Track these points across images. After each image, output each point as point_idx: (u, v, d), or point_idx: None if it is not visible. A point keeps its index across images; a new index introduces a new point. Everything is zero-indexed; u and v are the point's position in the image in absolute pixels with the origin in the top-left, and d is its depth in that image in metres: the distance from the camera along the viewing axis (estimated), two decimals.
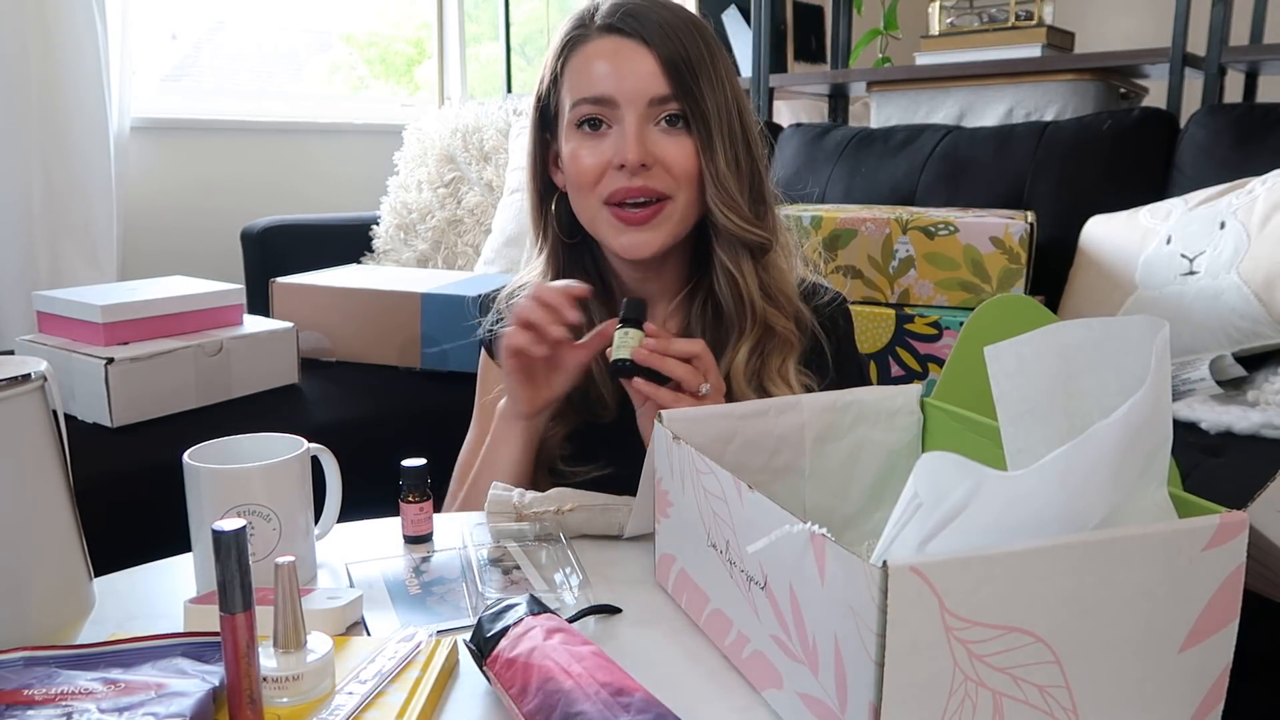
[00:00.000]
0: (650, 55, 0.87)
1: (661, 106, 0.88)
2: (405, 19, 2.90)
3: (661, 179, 0.88)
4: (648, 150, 0.87)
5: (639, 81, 0.87)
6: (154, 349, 1.30)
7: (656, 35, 0.87)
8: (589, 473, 0.93)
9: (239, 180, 2.39)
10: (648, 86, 0.87)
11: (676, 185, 0.89)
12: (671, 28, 0.88)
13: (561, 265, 0.98)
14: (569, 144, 0.91)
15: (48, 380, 0.65)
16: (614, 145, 0.88)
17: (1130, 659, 0.48)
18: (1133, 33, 3.05)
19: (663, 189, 0.88)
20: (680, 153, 0.88)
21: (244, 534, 0.50)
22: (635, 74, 0.87)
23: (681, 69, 0.87)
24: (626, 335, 0.83)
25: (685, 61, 0.87)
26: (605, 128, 0.89)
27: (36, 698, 0.53)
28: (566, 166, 0.92)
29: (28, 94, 1.89)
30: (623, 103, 0.87)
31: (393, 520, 0.87)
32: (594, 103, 0.88)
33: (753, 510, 0.55)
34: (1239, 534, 0.48)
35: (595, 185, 0.89)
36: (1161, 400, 0.50)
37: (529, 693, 0.53)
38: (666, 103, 0.87)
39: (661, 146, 0.88)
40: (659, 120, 0.88)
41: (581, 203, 0.92)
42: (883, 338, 1.52)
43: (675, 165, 0.88)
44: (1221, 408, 1.30)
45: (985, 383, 0.61)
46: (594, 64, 0.88)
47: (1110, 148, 1.68)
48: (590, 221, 0.92)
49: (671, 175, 0.88)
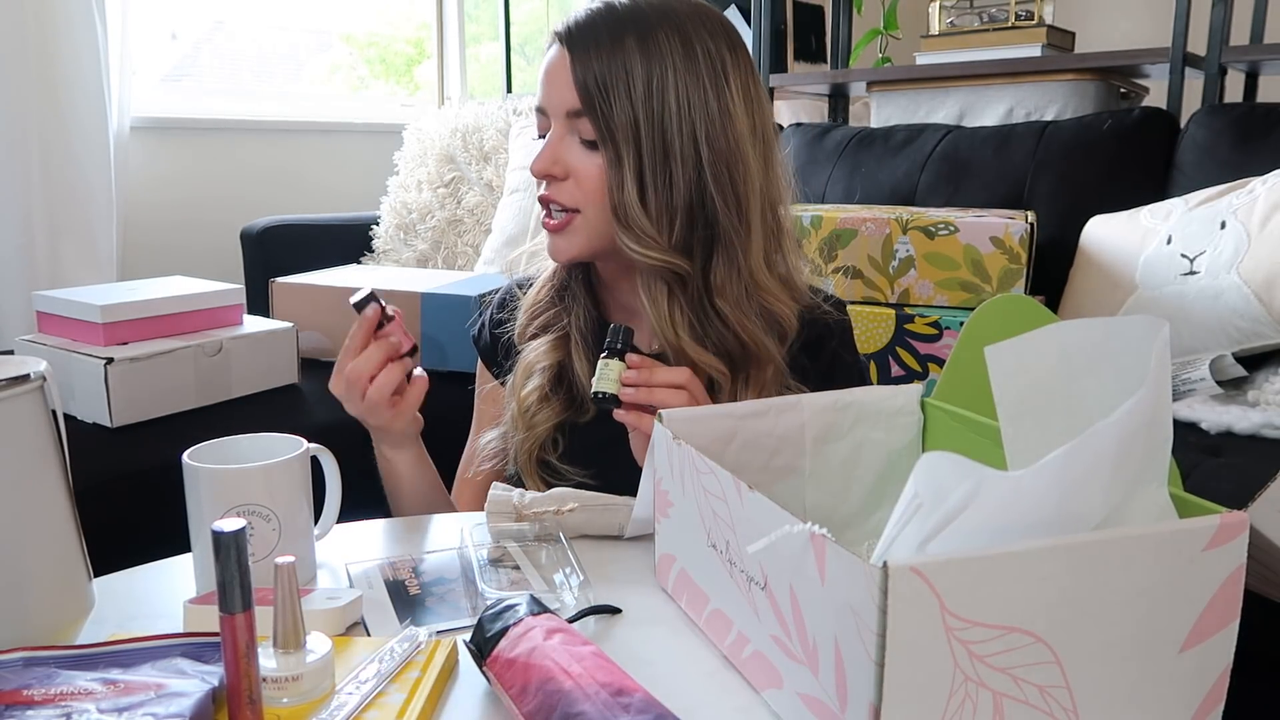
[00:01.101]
0: (568, 64, 0.86)
1: (578, 120, 0.86)
2: (405, 19, 2.90)
3: (568, 192, 0.88)
4: (556, 162, 0.87)
5: (558, 92, 0.87)
6: (154, 349, 1.30)
7: (578, 42, 0.85)
8: (576, 475, 0.93)
9: (239, 180, 2.39)
10: (565, 98, 0.86)
11: (586, 200, 0.88)
12: (592, 35, 0.85)
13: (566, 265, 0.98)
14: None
15: (47, 380, 0.65)
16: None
17: (1130, 659, 0.48)
18: (1133, 33, 3.05)
19: (567, 202, 0.88)
20: (588, 168, 0.87)
21: (244, 534, 0.50)
22: (557, 85, 0.87)
23: (589, 84, 0.84)
24: (607, 366, 0.81)
25: (595, 76, 0.84)
26: (542, 138, 0.90)
27: (36, 698, 0.53)
28: None
29: (28, 94, 1.89)
30: (550, 112, 0.88)
31: (392, 520, 0.87)
32: (538, 111, 0.90)
33: (753, 510, 0.55)
34: (1239, 534, 0.48)
35: (538, 191, 0.91)
36: (1161, 400, 0.50)
37: (529, 693, 0.53)
38: (579, 117, 0.86)
39: (574, 159, 0.87)
40: (580, 134, 0.87)
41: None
42: (883, 338, 1.52)
43: (585, 181, 0.87)
44: (1221, 408, 1.30)
45: (985, 383, 0.61)
46: (541, 73, 0.90)
47: (1110, 148, 1.68)
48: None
49: (582, 190, 0.88)
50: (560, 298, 0.98)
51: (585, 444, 0.94)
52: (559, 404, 0.96)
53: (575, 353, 0.95)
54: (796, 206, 1.69)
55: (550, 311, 0.98)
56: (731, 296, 0.88)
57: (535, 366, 0.96)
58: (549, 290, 0.99)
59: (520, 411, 0.95)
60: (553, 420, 0.95)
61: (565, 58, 0.86)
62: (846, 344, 0.99)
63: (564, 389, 0.96)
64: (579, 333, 0.96)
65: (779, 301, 0.91)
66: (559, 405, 0.96)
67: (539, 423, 0.94)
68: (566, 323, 0.97)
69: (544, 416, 0.95)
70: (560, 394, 0.96)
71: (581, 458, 0.94)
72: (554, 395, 0.96)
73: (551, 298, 0.99)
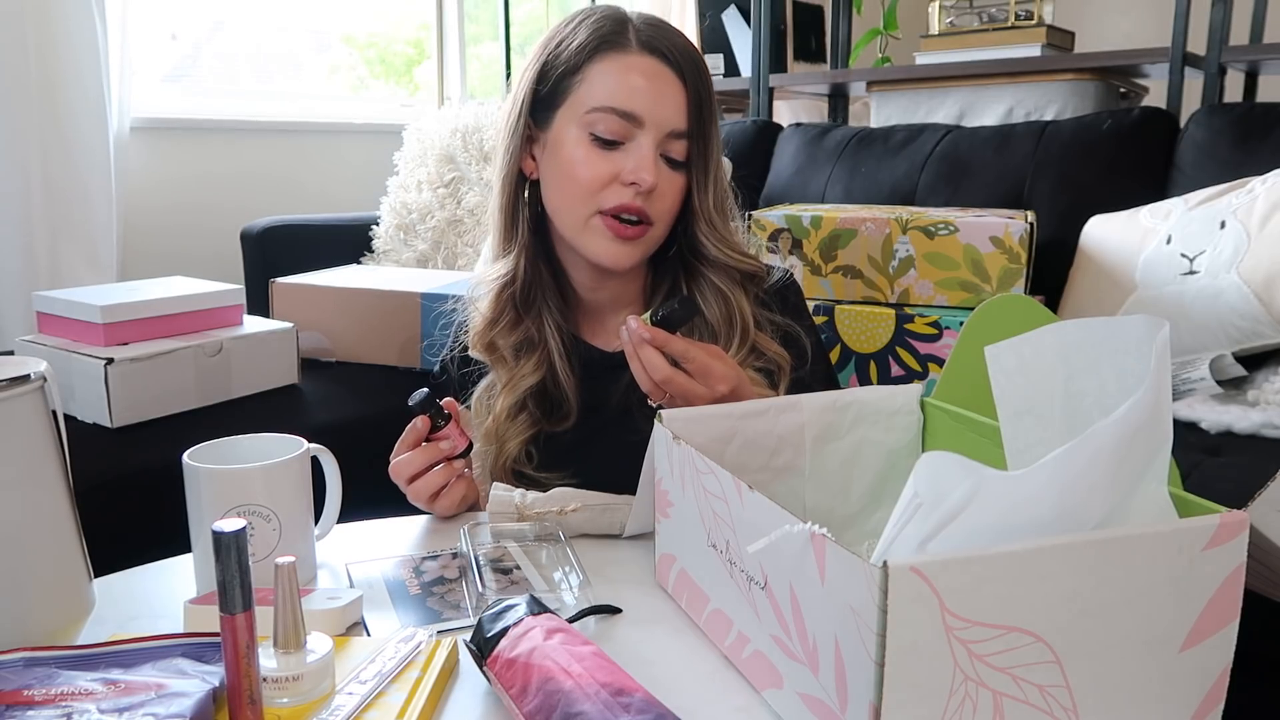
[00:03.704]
0: (682, 89, 0.90)
1: (676, 140, 0.90)
2: (405, 19, 2.89)
3: (654, 206, 0.90)
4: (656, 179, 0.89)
5: (668, 111, 0.89)
6: (154, 349, 1.30)
7: (689, 69, 0.90)
8: (554, 480, 0.92)
9: (239, 180, 2.39)
10: (673, 118, 0.89)
11: (662, 215, 0.91)
12: (696, 64, 0.91)
13: (533, 255, 0.97)
14: (574, 147, 0.90)
15: (47, 380, 0.65)
16: (632, 163, 0.88)
17: (1130, 659, 0.48)
18: (1133, 32, 3.05)
19: (652, 215, 0.91)
20: (674, 188, 0.92)
21: (244, 534, 0.50)
22: (667, 103, 0.89)
23: (702, 108, 0.90)
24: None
25: (704, 102, 0.90)
26: (618, 144, 0.89)
27: (36, 698, 0.53)
28: (562, 166, 0.91)
29: (28, 94, 1.89)
30: (648, 125, 0.89)
31: (393, 520, 0.87)
32: (623, 116, 0.88)
33: (753, 510, 0.55)
34: (1239, 534, 0.48)
35: (597, 193, 0.89)
36: (1161, 400, 0.50)
37: (529, 693, 0.53)
38: (680, 138, 0.90)
39: (663, 177, 0.90)
40: (667, 152, 0.90)
41: (571, 205, 0.91)
42: (883, 338, 1.52)
43: (667, 198, 0.91)
44: (1221, 408, 1.30)
45: (985, 383, 0.61)
46: (632, 77, 0.89)
47: (1110, 148, 1.68)
48: (576, 223, 0.91)
49: (662, 206, 0.91)
50: (526, 307, 0.97)
51: (558, 449, 0.95)
52: (531, 418, 0.96)
53: (560, 366, 0.96)
54: (796, 206, 1.69)
55: (519, 327, 0.97)
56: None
57: (516, 388, 0.95)
58: (510, 298, 0.97)
59: (494, 427, 0.96)
60: (524, 434, 0.96)
61: (673, 75, 0.89)
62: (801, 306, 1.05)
63: (538, 402, 0.97)
64: (559, 347, 0.97)
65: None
66: (531, 418, 0.96)
67: (510, 437, 0.95)
68: (541, 338, 0.97)
69: (514, 432, 0.96)
70: (534, 407, 0.96)
71: (557, 463, 0.94)
72: (528, 408, 0.96)
73: (516, 309, 0.97)
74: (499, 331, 0.96)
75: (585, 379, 0.98)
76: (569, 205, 0.91)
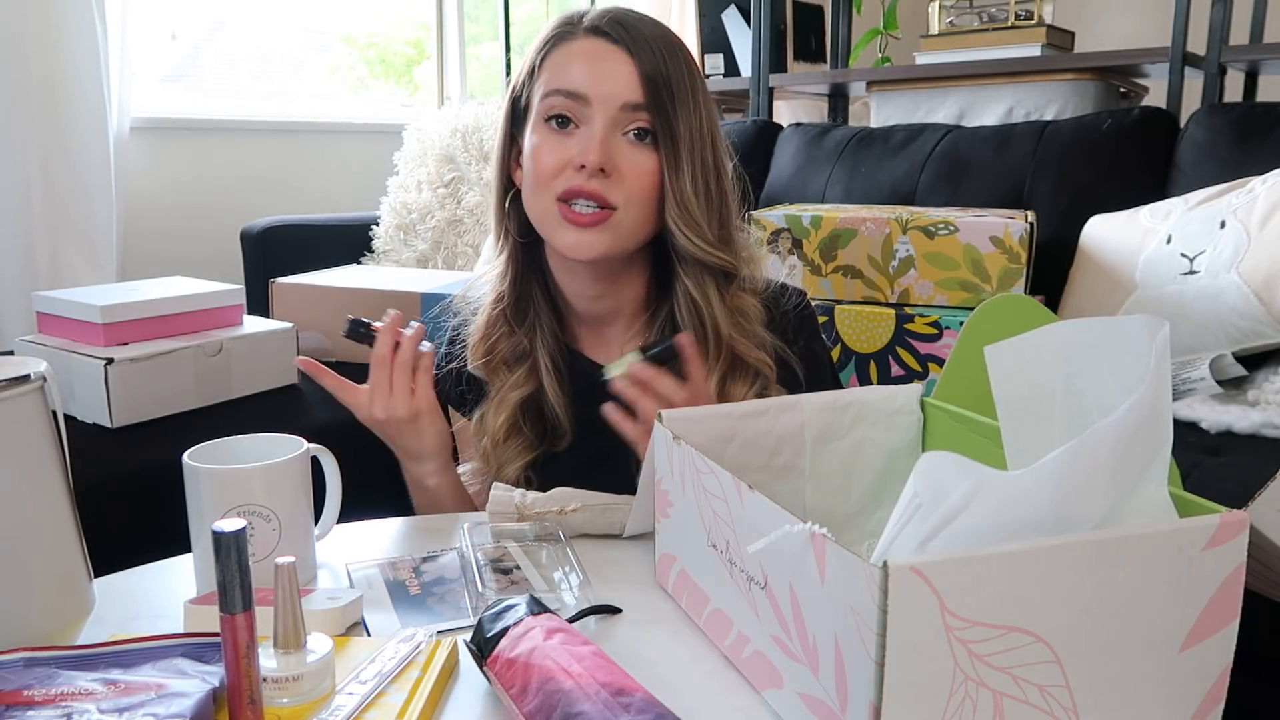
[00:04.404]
0: (630, 62, 0.86)
1: (633, 115, 0.86)
2: (405, 19, 2.89)
3: (615, 189, 0.86)
4: (609, 156, 0.86)
5: (614, 84, 0.86)
6: (154, 349, 1.30)
7: (640, 46, 0.87)
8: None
9: (239, 180, 2.39)
10: (622, 91, 0.86)
11: (628, 199, 0.87)
12: (656, 43, 0.88)
13: (521, 266, 0.96)
14: (533, 137, 0.89)
15: (47, 380, 0.65)
16: (579, 145, 0.86)
17: (1130, 659, 0.48)
18: (1133, 32, 3.05)
19: (612, 199, 0.86)
20: (641, 167, 0.87)
21: (244, 534, 0.50)
22: (612, 76, 0.86)
23: (658, 83, 0.86)
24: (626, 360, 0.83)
25: (663, 77, 0.86)
26: (573, 127, 0.87)
27: (36, 698, 0.53)
28: (526, 160, 0.90)
29: (28, 94, 1.89)
30: (595, 102, 0.86)
31: (393, 520, 0.87)
32: (567, 95, 0.86)
33: (753, 510, 0.55)
34: (1239, 533, 0.48)
35: (551, 181, 0.87)
36: (1161, 400, 0.50)
37: (529, 693, 0.53)
38: (638, 112, 0.86)
39: (624, 156, 0.87)
40: (628, 130, 0.87)
41: (535, 198, 0.90)
42: (883, 338, 1.52)
43: (632, 178, 0.86)
44: (1221, 407, 1.30)
45: (985, 383, 0.61)
46: (574, 60, 0.88)
47: (1110, 147, 1.68)
48: (540, 216, 0.90)
49: (626, 188, 0.87)
50: (519, 320, 0.96)
51: (558, 475, 0.91)
52: (527, 440, 0.95)
53: (548, 383, 0.95)
54: (796, 206, 1.69)
55: (511, 339, 0.96)
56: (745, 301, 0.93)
57: (505, 401, 0.95)
58: (502, 313, 0.96)
59: (492, 448, 0.95)
60: (522, 459, 0.95)
61: (619, 51, 0.87)
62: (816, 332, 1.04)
63: (533, 421, 0.95)
64: (549, 362, 0.95)
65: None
66: (528, 441, 0.95)
67: (507, 461, 0.95)
68: (531, 350, 0.96)
69: (511, 455, 0.95)
70: (529, 428, 0.95)
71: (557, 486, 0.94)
72: (523, 429, 0.95)
73: (509, 322, 0.96)
74: (493, 345, 0.96)
75: (583, 396, 0.94)
76: (533, 197, 0.90)
